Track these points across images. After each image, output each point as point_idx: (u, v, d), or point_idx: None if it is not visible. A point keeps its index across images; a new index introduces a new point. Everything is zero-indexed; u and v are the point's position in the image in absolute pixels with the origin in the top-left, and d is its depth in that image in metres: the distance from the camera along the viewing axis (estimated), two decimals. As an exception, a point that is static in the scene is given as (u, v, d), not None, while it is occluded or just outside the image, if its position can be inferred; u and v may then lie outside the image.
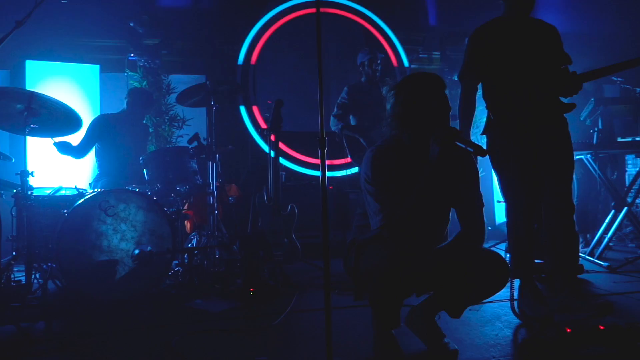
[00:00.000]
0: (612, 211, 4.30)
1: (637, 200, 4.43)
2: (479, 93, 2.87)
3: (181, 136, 5.24)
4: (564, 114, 2.75)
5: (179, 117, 5.24)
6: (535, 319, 2.53)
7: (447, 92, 1.95)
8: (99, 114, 4.89)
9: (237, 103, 5.30)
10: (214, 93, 3.55)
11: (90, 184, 4.10)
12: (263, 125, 5.36)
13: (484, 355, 2.10)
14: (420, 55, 6.13)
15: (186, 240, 3.87)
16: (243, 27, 5.45)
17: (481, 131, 2.90)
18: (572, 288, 2.67)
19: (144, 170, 3.47)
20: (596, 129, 4.26)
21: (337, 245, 5.03)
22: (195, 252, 3.31)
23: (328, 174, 5.46)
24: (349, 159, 5.58)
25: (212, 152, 3.46)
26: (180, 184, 3.36)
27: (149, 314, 2.86)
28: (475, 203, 1.95)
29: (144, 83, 5.04)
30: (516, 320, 2.58)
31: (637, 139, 4.94)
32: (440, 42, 6.08)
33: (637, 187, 4.28)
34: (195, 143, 3.36)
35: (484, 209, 2.03)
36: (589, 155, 4.29)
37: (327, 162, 5.80)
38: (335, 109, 4.24)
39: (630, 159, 5.25)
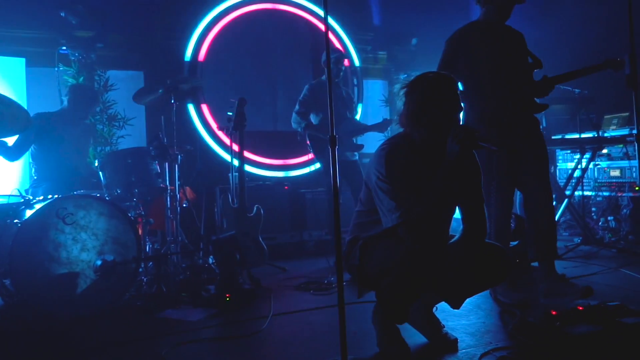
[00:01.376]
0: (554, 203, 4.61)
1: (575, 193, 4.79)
2: None
3: (122, 137, 4.90)
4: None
5: (119, 117, 4.89)
6: (511, 305, 2.67)
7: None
8: (26, 111, 4.42)
9: (184, 101, 5.05)
10: (175, 90, 3.34)
11: (26, 191, 3.70)
12: (214, 124, 5.16)
13: (480, 342, 2.17)
14: (368, 55, 6.21)
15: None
16: (188, 21, 5.19)
17: None
18: (556, 274, 2.85)
19: (100, 173, 3.18)
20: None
21: (295, 245, 4.99)
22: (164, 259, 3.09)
23: (285, 173, 5.43)
24: (304, 158, 5.56)
25: (174, 153, 3.25)
26: (143, 187, 3.12)
27: (120, 329, 2.63)
28: (479, 199, 2.00)
29: (81, 79, 4.64)
30: (496, 308, 2.69)
31: (568, 136, 5.38)
32: (387, 41, 6.19)
33: (574, 181, 4.62)
34: (156, 143, 3.13)
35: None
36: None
37: (281, 162, 5.71)
38: (297, 106, 4.17)
39: (561, 154, 5.66)
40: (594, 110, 5.24)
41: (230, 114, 3.61)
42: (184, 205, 3.94)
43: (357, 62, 5.82)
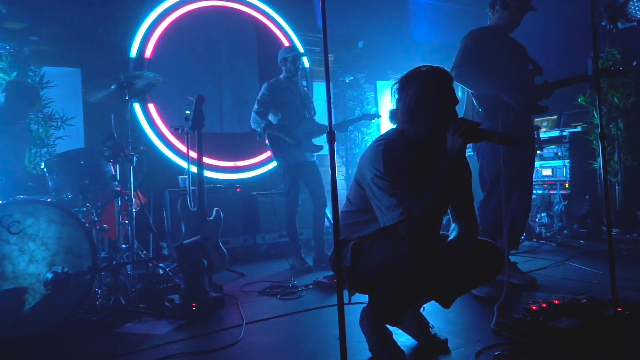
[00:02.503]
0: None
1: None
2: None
3: (61, 137, 4.51)
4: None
5: (57, 116, 4.50)
6: (484, 299, 2.78)
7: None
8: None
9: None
10: (130, 87, 3.11)
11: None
12: (161, 124, 4.90)
13: (469, 341, 2.18)
14: (315, 57, 6.17)
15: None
16: (133, 16, 4.89)
17: (372, 131, 3.17)
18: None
19: (47, 175, 2.88)
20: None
21: (248, 249, 4.85)
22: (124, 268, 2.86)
23: (235, 176, 5.25)
24: (255, 160, 5.42)
25: (130, 153, 3.03)
26: (97, 191, 2.87)
27: (76, 348, 2.39)
28: (471, 197, 2.01)
29: (14, 74, 4.21)
30: (467, 304, 2.74)
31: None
32: (334, 44, 6.20)
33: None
34: (110, 143, 2.90)
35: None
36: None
37: (231, 163, 5.56)
38: (255, 106, 4.04)
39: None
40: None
41: (188, 112, 3.43)
42: (135, 209, 3.70)
43: (307, 64, 5.77)
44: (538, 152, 5.58)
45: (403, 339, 2.18)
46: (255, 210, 4.88)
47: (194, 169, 3.97)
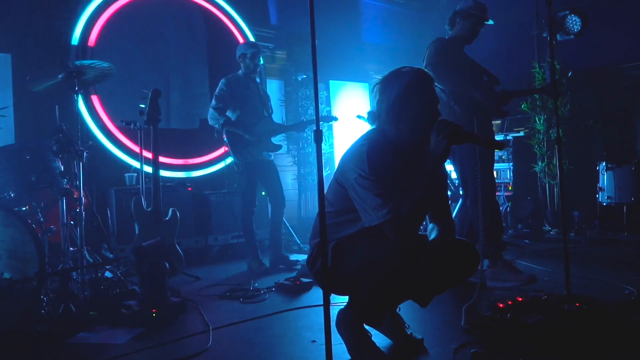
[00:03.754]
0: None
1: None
2: None
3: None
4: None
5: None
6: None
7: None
8: None
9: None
10: (79, 76, 2.87)
11: None
12: (104, 117, 4.60)
13: (443, 339, 2.21)
14: (266, 54, 6.04)
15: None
16: (75, 0, 4.55)
17: (326, 131, 3.21)
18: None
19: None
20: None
21: (200, 251, 4.66)
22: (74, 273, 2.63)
23: (185, 174, 5.03)
24: (206, 158, 5.22)
25: (79, 149, 2.80)
26: (44, 189, 2.62)
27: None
28: (447, 197, 2.03)
29: None
30: (444, 300, 2.74)
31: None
32: (287, 41, 6.12)
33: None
34: (59, 136, 2.66)
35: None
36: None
37: (182, 161, 5.34)
38: (213, 101, 3.88)
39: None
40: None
41: (143, 106, 3.22)
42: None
43: (261, 60, 5.64)
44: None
45: (378, 339, 2.16)
46: (207, 210, 4.71)
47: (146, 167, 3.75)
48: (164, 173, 4.85)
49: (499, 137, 5.95)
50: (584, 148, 5.51)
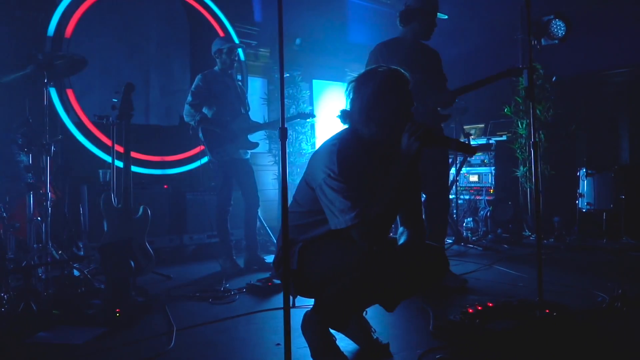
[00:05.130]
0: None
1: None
2: None
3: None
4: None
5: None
6: (454, 288, 3.07)
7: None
8: None
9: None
10: (49, 67, 2.79)
11: None
12: (79, 112, 4.50)
13: (409, 344, 2.17)
14: (248, 50, 5.99)
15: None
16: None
17: (307, 130, 3.17)
18: None
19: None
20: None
21: (174, 250, 4.57)
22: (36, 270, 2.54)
23: (161, 171, 4.94)
24: (183, 155, 5.13)
25: (47, 143, 2.71)
26: (6, 183, 2.53)
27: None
28: (420, 202, 1.98)
29: None
30: (413, 304, 2.72)
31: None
32: (270, 39, 6.05)
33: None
34: (25, 130, 2.57)
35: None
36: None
37: (157, 158, 5.24)
38: (189, 97, 3.80)
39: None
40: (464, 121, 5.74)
41: (116, 100, 3.15)
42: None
43: (242, 57, 5.58)
44: (468, 158, 5.80)
45: (344, 343, 2.11)
46: (182, 209, 4.62)
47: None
48: (140, 170, 4.77)
49: (481, 141, 5.95)
50: (566, 153, 5.53)
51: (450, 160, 5.49)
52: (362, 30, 7.36)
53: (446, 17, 3.37)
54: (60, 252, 3.03)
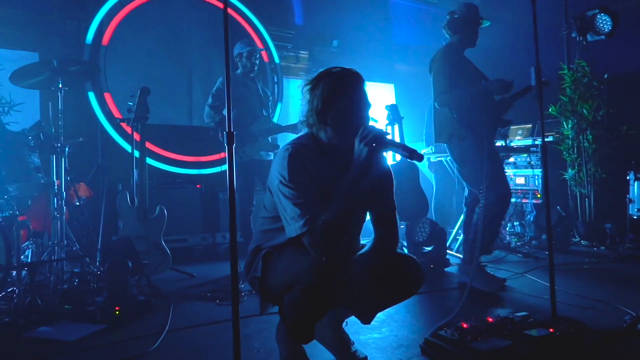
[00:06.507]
0: (465, 209, 4.69)
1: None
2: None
3: (8, 124, 4.29)
4: None
5: (3, 101, 4.28)
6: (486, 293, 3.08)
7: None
8: None
9: (84, 88, 4.56)
10: (63, 73, 2.92)
11: None
12: (117, 114, 4.71)
13: (392, 358, 2.04)
14: (289, 53, 6.01)
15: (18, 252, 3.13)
16: (92, 1, 4.70)
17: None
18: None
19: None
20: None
21: (207, 248, 4.67)
22: (42, 267, 2.68)
23: (196, 171, 5.07)
24: (219, 156, 5.23)
25: (60, 145, 2.84)
26: (18, 182, 2.68)
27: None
28: (392, 207, 1.85)
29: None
30: (408, 318, 2.60)
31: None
32: (309, 41, 6.05)
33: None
34: (36, 132, 2.71)
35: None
36: (448, 158, 4.62)
37: (192, 158, 5.33)
38: (210, 99, 3.87)
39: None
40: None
41: (132, 104, 3.25)
42: (76, 203, 3.51)
43: (276, 59, 5.60)
44: (511, 159, 5.47)
45: (326, 355, 2.03)
46: (215, 208, 4.71)
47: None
48: (175, 170, 4.93)
49: (527, 142, 5.57)
50: (618, 156, 5.04)
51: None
52: (406, 30, 7.18)
53: (489, 23, 3.38)
54: (75, 249, 3.16)
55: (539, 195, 5.46)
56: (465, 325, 2.12)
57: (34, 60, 4.74)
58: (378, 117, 4.76)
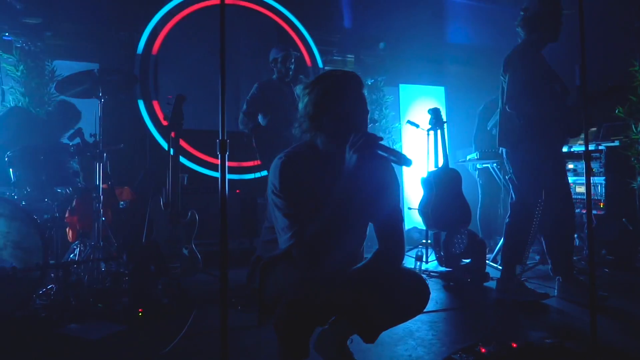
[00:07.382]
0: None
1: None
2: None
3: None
4: None
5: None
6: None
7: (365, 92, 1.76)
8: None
9: (134, 96, 4.79)
10: (103, 83, 3.07)
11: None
12: (164, 121, 4.90)
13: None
14: (335, 57, 5.98)
15: (67, 251, 3.34)
16: (143, 12, 4.94)
17: (392, 136, 2.99)
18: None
19: (10, 170, 2.89)
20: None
21: (243, 254, 4.73)
22: (74, 266, 2.82)
23: (236, 176, 5.17)
24: (258, 161, 5.30)
25: (100, 151, 2.98)
26: (57, 186, 2.85)
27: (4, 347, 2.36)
28: (396, 217, 1.75)
29: (21, 67, 4.35)
30: (429, 337, 2.46)
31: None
32: (355, 45, 5.98)
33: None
34: (77, 140, 2.86)
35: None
36: (495, 164, 4.38)
37: (234, 164, 5.42)
38: (244, 106, 3.92)
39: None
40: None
41: (168, 111, 3.36)
42: (120, 206, 3.69)
43: (320, 64, 5.58)
44: (571, 166, 5.09)
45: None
46: (253, 213, 4.77)
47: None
48: (217, 175, 5.04)
49: (591, 147, 5.15)
50: None
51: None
52: (461, 29, 6.91)
53: (570, 11, 3.07)
54: (113, 250, 3.31)
55: (601, 205, 5.04)
56: (483, 350, 1.98)
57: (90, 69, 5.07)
58: (422, 121, 4.63)
